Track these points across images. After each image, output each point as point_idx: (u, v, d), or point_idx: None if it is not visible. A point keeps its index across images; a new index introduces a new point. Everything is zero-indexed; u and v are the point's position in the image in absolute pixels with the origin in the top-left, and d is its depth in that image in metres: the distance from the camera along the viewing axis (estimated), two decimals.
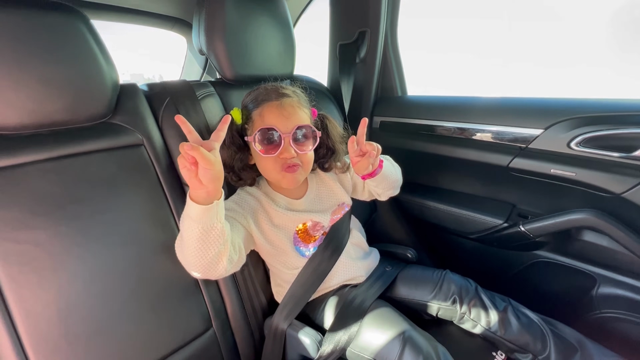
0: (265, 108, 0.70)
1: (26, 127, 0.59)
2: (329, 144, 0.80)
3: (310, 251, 0.78)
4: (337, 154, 0.81)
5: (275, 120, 0.69)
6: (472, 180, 1.09)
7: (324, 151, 0.81)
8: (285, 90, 0.73)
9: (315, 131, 0.71)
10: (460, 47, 1.71)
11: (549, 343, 0.72)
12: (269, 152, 0.68)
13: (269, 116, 0.69)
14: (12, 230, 0.54)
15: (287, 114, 0.69)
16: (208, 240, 0.55)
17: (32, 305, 0.54)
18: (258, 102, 0.72)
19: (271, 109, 0.70)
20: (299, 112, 0.71)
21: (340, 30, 1.15)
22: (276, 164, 0.70)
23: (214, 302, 0.75)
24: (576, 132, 0.82)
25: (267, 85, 0.76)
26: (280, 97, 0.71)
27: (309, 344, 0.71)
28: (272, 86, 0.75)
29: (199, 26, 0.87)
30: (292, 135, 0.68)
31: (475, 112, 1.00)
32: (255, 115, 0.72)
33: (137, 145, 0.71)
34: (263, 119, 0.70)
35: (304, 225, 0.78)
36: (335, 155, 0.82)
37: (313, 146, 0.72)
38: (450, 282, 0.82)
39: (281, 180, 0.73)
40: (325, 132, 0.79)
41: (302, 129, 0.69)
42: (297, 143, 0.69)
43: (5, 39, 0.54)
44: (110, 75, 0.67)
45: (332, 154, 0.81)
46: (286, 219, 0.76)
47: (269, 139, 0.68)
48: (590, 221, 0.83)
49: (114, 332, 0.61)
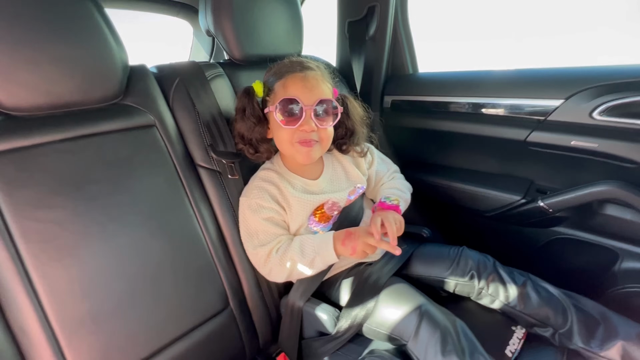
0: (288, 79, 0.70)
1: (40, 108, 0.59)
2: (349, 124, 0.80)
3: (326, 230, 0.78)
4: (356, 135, 0.81)
5: (299, 91, 0.68)
6: (487, 157, 1.06)
7: (343, 131, 0.80)
8: (310, 64, 0.73)
9: (337, 107, 0.71)
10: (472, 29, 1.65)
11: (570, 316, 0.71)
12: (290, 124, 0.69)
13: (292, 87, 0.69)
14: (33, 209, 0.55)
15: (310, 86, 0.69)
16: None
17: (55, 282, 0.55)
18: (282, 74, 0.72)
19: (295, 80, 0.70)
20: (322, 86, 0.71)
21: (348, 6, 1.12)
22: (294, 137, 0.70)
23: (231, 282, 0.76)
24: (598, 100, 0.78)
25: (292, 58, 0.76)
26: (304, 70, 0.71)
27: (327, 320, 0.71)
28: (297, 59, 0.75)
29: (205, 7, 0.86)
30: (314, 108, 0.68)
31: (490, 86, 0.97)
32: (277, 87, 0.71)
33: (150, 126, 0.71)
34: (286, 89, 0.70)
35: (322, 207, 0.78)
36: (354, 137, 0.81)
37: (333, 122, 0.72)
38: (468, 257, 0.80)
39: (295, 155, 0.73)
40: (345, 113, 0.78)
41: (324, 103, 0.69)
42: (318, 117, 0.69)
43: (19, 20, 0.54)
44: (120, 56, 0.66)
45: (351, 136, 0.81)
46: (303, 203, 0.76)
47: (290, 110, 0.68)
48: (614, 192, 0.80)
49: (135, 309, 0.62)
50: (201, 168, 0.76)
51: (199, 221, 0.73)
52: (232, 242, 0.77)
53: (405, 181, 0.93)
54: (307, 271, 0.70)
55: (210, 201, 0.77)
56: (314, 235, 0.72)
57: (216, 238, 0.75)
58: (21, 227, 0.54)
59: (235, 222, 0.77)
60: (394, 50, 1.16)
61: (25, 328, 0.53)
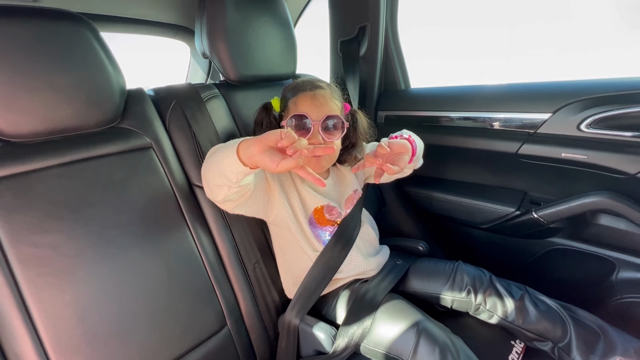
0: (300, 97, 0.76)
1: (39, 134, 0.61)
2: (352, 138, 0.84)
3: (320, 236, 0.80)
4: (355, 149, 0.85)
5: (308, 108, 0.74)
6: (480, 170, 1.07)
7: (347, 143, 0.84)
8: (320, 83, 0.79)
9: (344, 122, 0.75)
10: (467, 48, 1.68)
11: (569, 330, 0.70)
12: (300, 136, 0.71)
13: (302, 104, 0.75)
14: (29, 234, 0.56)
15: (318, 103, 0.74)
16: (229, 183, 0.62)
17: (51, 307, 0.55)
18: (295, 92, 0.78)
19: (305, 98, 0.76)
20: (330, 103, 0.76)
21: (340, 26, 1.16)
22: None
23: (228, 300, 0.76)
24: (586, 113, 0.80)
25: (304, 78, 0.84)
26: (314, 89, 0.77)
27: (324, 339, 0.70)
28: (309, 79, 0.82)
29: (201, 30, 0.88)
30: (322, 123, 0.72)
31: (480, 101, 0.99)
32: (291, 104, 0.78)
33: (146, 148, 0.72)
34: (297, 106, 0.76)
35: (321, 207, 0.81)
36: (354, 150, 0.85)
37: (340, 135, 0.76)
38: (464, 272, 0.80)
39: (307, 164, 0.75)
40: (353, 126, 0.83)
41: (332, 119, 0.74)
42: (326, 132, 0.73)
43: (17, 49, 0.56)
44: (117, 81, 0.68)
45: (352, 148, 0.85)
46: (309, 196, 0.80)
47: (300, 124, 0.73)
48: (606, 204, 0.81)
49: (132, 332, 0.62)
50: (197, 187, 0.77)
51: (195, 240, 0.74)
52: (228, 260, 0.78)
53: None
54: (211, 165, 0.63)
55: (207, 220, 0.77)
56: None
57: (213, 256, 0.76)
58: (18, 252, 0.55)
59: (231, 240, 0.78)
60: (386, 67, 1.19)
61: (20, 354, 0.53)
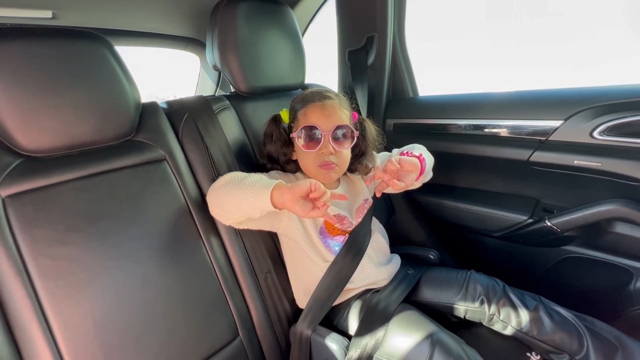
0: (309, 108, 0.76)
1: (58, 149, 0.62)
2: (362, 146, 0.84)
3: (331, 246, 0.79)
4: (365, 157, 0.85)
5: (317, 119, 0.74)
6: (491, 177, 1.06)
7: (357, 151, 0.84)
8: (329, 94, 0.79)
9: (353, 131, 0.76)
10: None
11: (585, 342, 0.69)
12: (310, 147, 0.75)
13: (312, 115, 0.75)
14: (49, 247, 0.57)
15: (328, 113, 0.75)
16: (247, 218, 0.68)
17: (69, 318, 0.57)
18: (304, 103, 0.78)
19: (314, 109, 0.76)
20: (340, 113, 0.76)
21: (348, 36, 1.17)
22: (316, 160, 0.76)
23: (240, 310, 0.76)
24: (598, 120, 0.79)
25: (313, 89, 0.83)
26: (323, 99, 0.77)
27: (336, 350, 0.70)
28: (317, 90, 0.82)
29: (212, 43, 0.90)
30: (332, 133, 0.73)
31: (490, 108, 0.99)
32: (300, 115, 0.78)
33: (160, 161, 0.74)
34: (307, 117, 0.76)
35: (332, 217, 0.79)
36: (363, 158, 0.85)
37: (350, 145, 0.77)
38: (476, 282, 0.80)
39: (317, 176, 0.78)
40: (362, 135, 0.83)
41: (342, 128, 0.75)
42: (336, 141, 0.74)
43: (38, 68, 0.58)
44: (133, 96, 0.70)
45: (361, 156, 0.85)
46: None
47: (310, 135, 0.74)
48: (621, 212, 0.79)
49: (147, 343, 0.63)
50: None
51: (208, 251, 0.74)
52: (240, 270, 0.78)
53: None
54: (233, 199, 0.66)
55: (219, 230, 0.78)
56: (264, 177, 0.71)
57: (225, 267, 0.76)
58: (38, 265, 0.56)
59: (243, 250, 0.79)
60: (394, 76, 1.20)
61: None
